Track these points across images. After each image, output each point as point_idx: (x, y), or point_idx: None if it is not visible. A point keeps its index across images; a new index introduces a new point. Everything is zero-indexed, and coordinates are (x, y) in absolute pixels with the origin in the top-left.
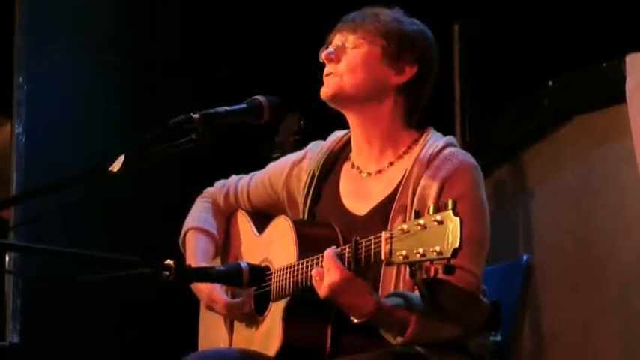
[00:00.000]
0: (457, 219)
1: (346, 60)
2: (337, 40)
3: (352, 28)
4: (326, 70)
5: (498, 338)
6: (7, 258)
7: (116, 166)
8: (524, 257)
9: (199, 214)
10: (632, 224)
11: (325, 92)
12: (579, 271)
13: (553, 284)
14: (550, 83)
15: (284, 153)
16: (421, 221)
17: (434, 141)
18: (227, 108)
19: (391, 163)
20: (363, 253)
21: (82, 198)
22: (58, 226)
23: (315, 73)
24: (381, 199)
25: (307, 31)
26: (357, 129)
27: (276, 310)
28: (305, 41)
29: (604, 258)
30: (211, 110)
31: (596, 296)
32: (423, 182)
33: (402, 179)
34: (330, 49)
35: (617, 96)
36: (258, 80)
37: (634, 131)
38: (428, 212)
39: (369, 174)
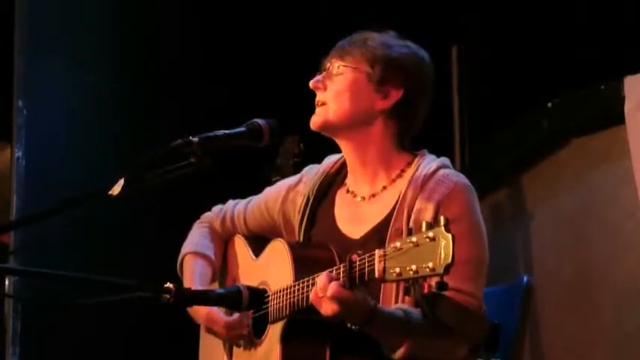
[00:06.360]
0: (449, 235)
1: (332, 87)
2: (326, 67)
3: (339, 54)
4: (316, 99)
5: None
6: (6, 282)
7: (116, 190)
8: (524, 279)
9: (197, 239)
10: (630, 245)
11: (314, 123)
12: (578, 292)
13: (552, 305)
14: (549, 105)
15: (284, 176)
16: (414, 238)
17: (427, 162)
18: (226, 131)
19: (384, 187)
20: (357, 272)
21: (81, 221)
22: (58, 249)
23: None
24: (376, 222)
25: (306, 54)
26: (349, 154)
27: (274, 332)
28: (304, 64)
29: (602, 279)
30: (210, 133)
31: (594, 317)
32: (417, 205)
33: (396, 202)
34: (318, 77)
35: (616, 117)
36: (257, 103)
37: (633, 152)
38: (420, 230)
39: (363, 198)
